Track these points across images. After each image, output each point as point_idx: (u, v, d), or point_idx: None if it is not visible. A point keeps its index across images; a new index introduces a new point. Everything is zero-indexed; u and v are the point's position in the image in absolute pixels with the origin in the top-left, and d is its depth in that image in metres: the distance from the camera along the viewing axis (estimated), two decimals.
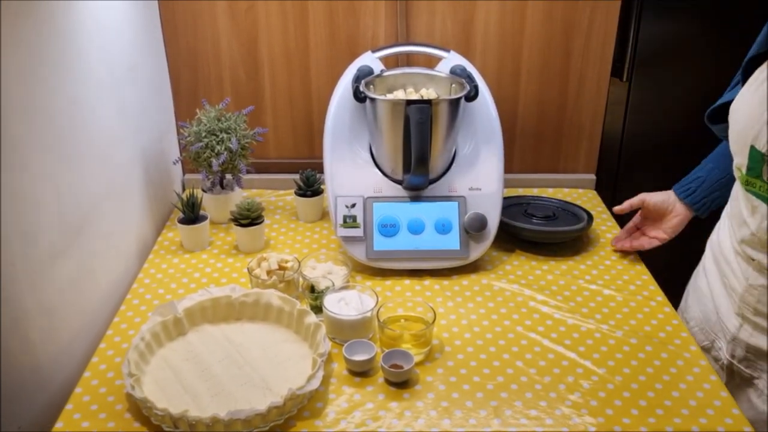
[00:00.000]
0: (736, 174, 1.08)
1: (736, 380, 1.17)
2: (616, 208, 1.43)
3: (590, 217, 1.49)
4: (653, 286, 1.35)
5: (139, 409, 1.01)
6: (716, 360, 1.20)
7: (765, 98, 0.99)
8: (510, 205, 1.55)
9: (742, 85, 1.06)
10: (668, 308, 1.28)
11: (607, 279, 1.37)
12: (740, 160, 1.05)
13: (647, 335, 1.20)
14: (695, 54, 1.74)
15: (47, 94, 1.07)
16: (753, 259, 1.08)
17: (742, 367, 1.15)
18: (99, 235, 1.25)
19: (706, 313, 1.23)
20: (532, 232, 1.45)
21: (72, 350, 1.15)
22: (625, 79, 1.78)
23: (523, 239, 1.48)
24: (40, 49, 1.05)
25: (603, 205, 1.67)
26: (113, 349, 1.16)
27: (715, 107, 1.11)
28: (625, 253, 1.44)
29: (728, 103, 1.08)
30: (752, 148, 1.01)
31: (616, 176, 1.88)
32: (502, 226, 1.43)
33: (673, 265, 1.42)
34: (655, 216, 1.38)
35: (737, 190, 1.11)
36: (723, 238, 1.19)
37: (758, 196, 1.03)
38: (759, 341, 1.11)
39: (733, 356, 1.16)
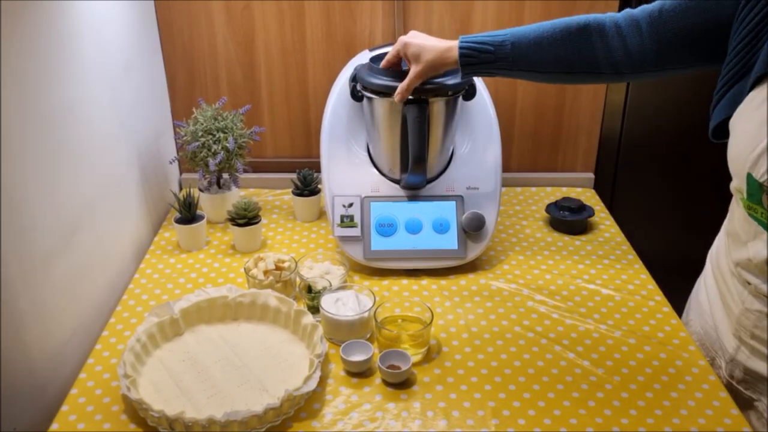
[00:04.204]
0: (736, 196, 1.01)
1: (736, 401, 1.10)
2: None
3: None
4: (651, 285, 1.34)
5: (135, 411, 1.01)
6: (719, 378, 1.13)
7: (763, 122, 0.90)
8: None
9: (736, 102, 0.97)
10: (667, 308, 1.27)
11: (606, 278, 1.36)
12: (738, 183, 0.97)
13: (646, 335, 1.20)
14: None
15: (42, 94, 1.06)
16: (749, 283, 1.02)
17: (741, 389, 1.10)
18: (94, 236, 1.25)
19: (706, 329, 1.18)
20: None
21: (67, 351, 1.15)
22: None
23: None
24: (36, 49, 1.04)
25: (602, 204, 1.67)
26: (109, 350, 1.16)
27: (717, 125, 1.01)
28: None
29: (728, 119, 0.99)
30: (749, 175, 0.93)
31: (615, 175, 1.88)
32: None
33: (674, 269, 1.41)
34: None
35: (736, 209, 1.04)
36: (721, 254, 1.13)
37: (760, 222, 0.96)
38: (757, 365, 1.05)
39: (731, 377, 1.11)
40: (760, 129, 0.90)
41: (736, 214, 1.04)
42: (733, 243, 1.06)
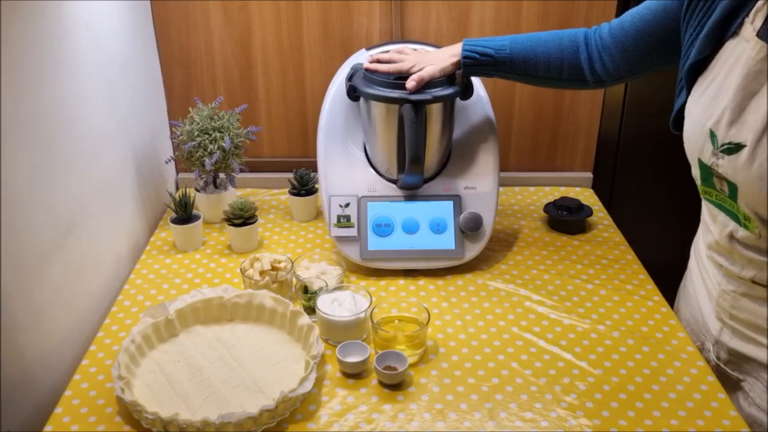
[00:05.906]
0: (696, 182, 1.06)
1: (725, 383, 1.14)
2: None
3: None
4: (650, 286, 1.34)
5: (130, 413, 1.00)
6: (708, 362, 1.17)
7: (705, 109, 0.98)
8: None
9: (687, 92, 1.04)
10: (665, 308, 1.27)
11: (604, 279, 1.36)
12: (694, 171, 1.04)
13: (644, 336, 1.19)
14: None
15: (38, 94, 1.06)
16: (721, 265, 1.07)
17: (728, 370, 1.12)
18: (90, 236, 1.24)
19: (694, 314, 1.22)
20: None
21: (61, 352, 1.14)
22: None
23: None
24: (32, 49, 1.03)
25: (600, 204, 1.66)
26: (103, 351, 1.15)
27: (675, 115, 1.09)
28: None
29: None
30: (699, 161, 1.01)
31: (614, 174, 1.87)
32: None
33: (673, 269, 1.40)
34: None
35: None
36: (699, 241, 1.19)
37: (715, 204, 1.03)
38: (739, 345, 1.09)
39: (718, 358, 1.14)
40: (701, 118, 0.98)
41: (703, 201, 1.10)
42: (703, 228, 1.13)
